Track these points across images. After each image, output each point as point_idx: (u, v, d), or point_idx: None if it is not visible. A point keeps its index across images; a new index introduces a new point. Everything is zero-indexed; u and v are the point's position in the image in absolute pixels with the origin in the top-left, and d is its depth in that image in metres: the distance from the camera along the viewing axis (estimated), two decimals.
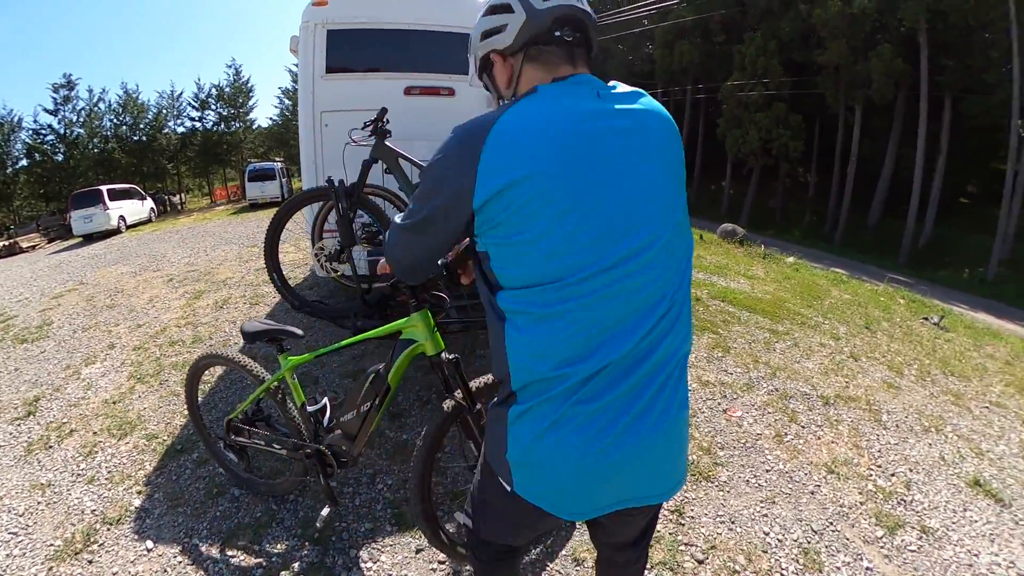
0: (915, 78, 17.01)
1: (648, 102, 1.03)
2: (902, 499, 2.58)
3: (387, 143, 3.08)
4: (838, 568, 2.05)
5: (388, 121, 3.07)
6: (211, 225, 13.36)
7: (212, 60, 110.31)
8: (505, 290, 0.99)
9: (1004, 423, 3.73)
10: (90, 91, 31.32)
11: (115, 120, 31.88)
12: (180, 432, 3.08)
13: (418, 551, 2.11)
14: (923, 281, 14.04)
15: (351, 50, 3.58)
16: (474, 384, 1.77)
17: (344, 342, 1.97)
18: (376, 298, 3.06)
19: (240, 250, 8.30)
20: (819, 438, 3.08)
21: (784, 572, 2.00)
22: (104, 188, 15.79)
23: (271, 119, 38.58)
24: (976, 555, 2.28)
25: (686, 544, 2.08)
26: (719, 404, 3.35)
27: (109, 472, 2.74)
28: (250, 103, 35.01)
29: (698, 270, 7.26)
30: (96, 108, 31.02)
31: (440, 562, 2.06)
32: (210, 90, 33.57)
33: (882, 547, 2.22)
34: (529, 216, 0.91)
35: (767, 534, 2.18)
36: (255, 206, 19.53)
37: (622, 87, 1.04)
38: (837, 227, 21.44)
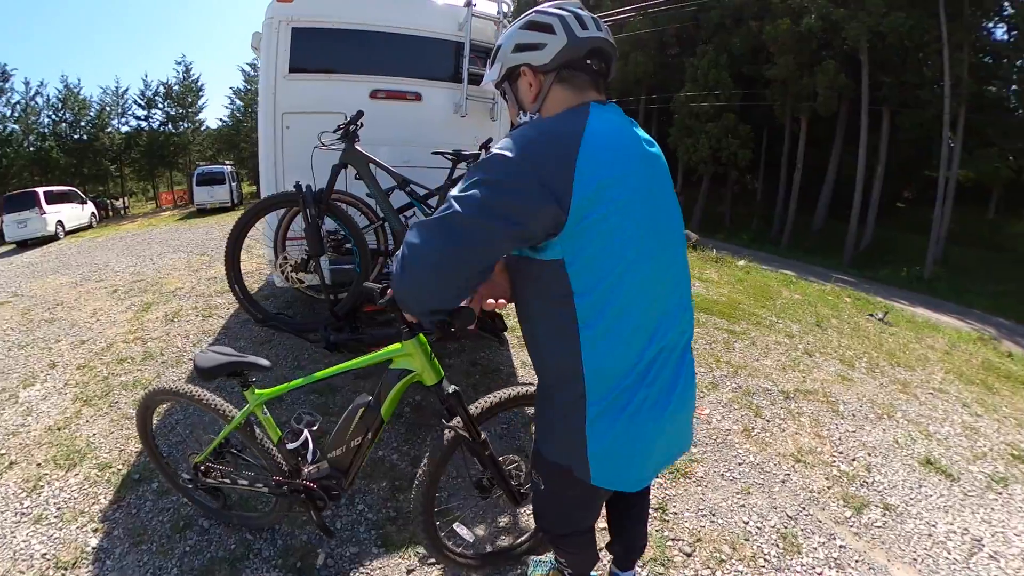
0: (857, 92, 18.25)
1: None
2: (864, 481, 2.72)
3: (357, 147, 2.99)
4: (815, 548, 2.15)
5: (361, 125, 2.98)
6: (157, 232, 12.42)
7: (160, 56, 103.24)
8: (580, 295, 1.02)
9: (947, 407, 4.00)
10: (26, 83, 28.49)
11: (54, 116, 28.99)
12: (136, 459, 2.77)
13: (409, 572, 2.03)
14: (865, 280, 14.91)
15: (316, 50, 3.42)
16: (473, 409, 1.67)
17: (322, 374, 1.75)
18: (346, 309, 2.92)
19: (189, 258, 7.79)
20: (784, 430, 3.20)
21: (767, 557, 2.07)
22: (40, 191, 14.38)
23: (221, 120, 36.26)
24: (934, 525, 2.45)
25: (673, 539, 2.13)
26: None
27: (59, 509, 2.39)
28: (199, 103, 33.07)
29: None
30: (33, 102, 28.22)
31: None
32: (158, 87, 31.33)
33: (851, 526, 2.34)
34: (620, 215, 0.99)
35: (747, 523, 2.25)
36: (203, 211, 18.48)
37: None
38: (784, 231, 22.50)
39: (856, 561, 2.11)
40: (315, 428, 1.83)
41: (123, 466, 2.72)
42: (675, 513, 2.29)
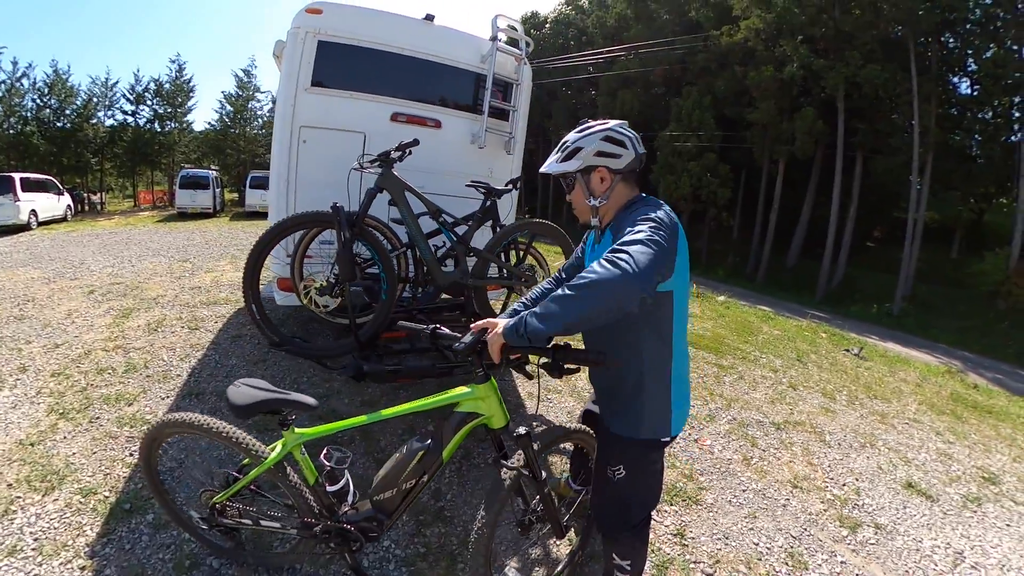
0: (833, 138, 19.26)
1: None
2: (855, 504, 2.97)
3: (395, 172, 2.94)
4: (819, 565, 2.35)
5: (411, 153, 2.91)
6: (136, 232, 11.83)
7: (155, 54, 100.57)
8: (676, 314, 1.51)
9: (922, 435, 4.32)
10: (14, 63, 26.37)
11: (38, 100, 27.24)
12: (126, 486, 2.43)
13: None
14: (838, 316, 15.50)
15: (341, 66, 3.32)
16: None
17: (382, 414, 1.64)
18: (368, 335, 2.85)
19: (171, 264, 7.45)
20: (779, 459, 3.45)
21: (777, 572, 2.27)
22: (17, 176, 13.35)
23: (209, 124, 34.06)
24: (920, 541, 2.72)
25: (694, 562, 2.28)
26: (690, 435, 3.61)
27: (36, 540, 2.05)
28: (189, 103, 31.45)
29: None
30: (18, 84, 26.38)
31: None
32: (148, 83, 29.73)
33: (848, 544, 2.57)
34: (682, 262, 1.43)
35: (757, 544, 2.44)
36: (184, 215, 17.77)
37: None
38: (759, 267, 23.17)
39: (856, 575, 2.34)
40: (346, 465, 1.71)
41: (110, 493, 2.38)
42: (692, 538, 2.44)
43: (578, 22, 33.27)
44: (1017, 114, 15.78)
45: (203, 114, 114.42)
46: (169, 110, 30.42)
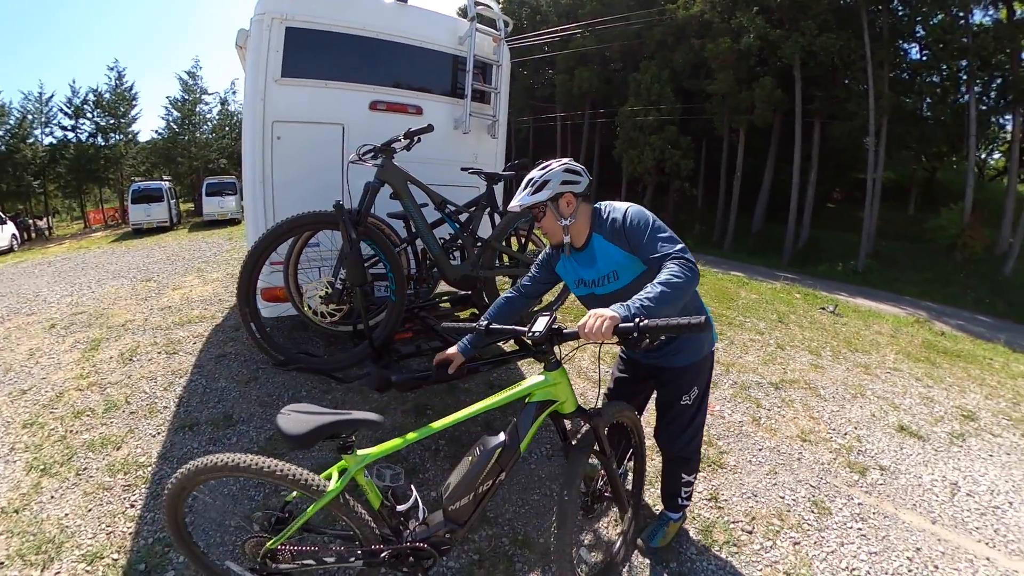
0: (791, 105, 19.88)
1: None
2: (859, 450, 3.21)
3: (396, 163, 2.74)
4: (840, 509, 2.56)
5: (419, 140, 2.74)
6: (91, 255, 11.08)
7: (89, 61, 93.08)
8: None
9: (904, 382, 4.65)
10: None
11: None
12: (134, 543, 2.18)
13: None
14: (807, 276, 16.18)
15: (313, 53, 3.08)
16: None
17: (450, 420, 1.60)
18: (383, 339, 2.69)
19: (134, 285, 6.96)
20: (783, 416, 3.67)
21: (807, 520, 2.46)
22: None
23: (156, 132, 32.04)
24: (920, 477, 2.98)
25: (733, 522, 2.42)
26: None
27: None
28: (133, 113, 29.51)
29: None
30: None
31: None
32: (87, 95, 27.82)
33: (861, 487, 2.80)
34: None
35: (783, 497, 2.63)
36: (139, 232, 16.83)
37: None
38: (726, 235, 23.79)
39: (873, 513, 2.55)
40: (400, 481, 1.63)
41: (118, 554, 2.12)
42: (725, 500, 2.59)
43: (532, 1, 32.96)
44: (964, 77, 16.55)
45: (148, 123, 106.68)
46: (112, 121, 28.64)
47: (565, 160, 1.81)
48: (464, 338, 1.97)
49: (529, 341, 1.57)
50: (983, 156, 19.08)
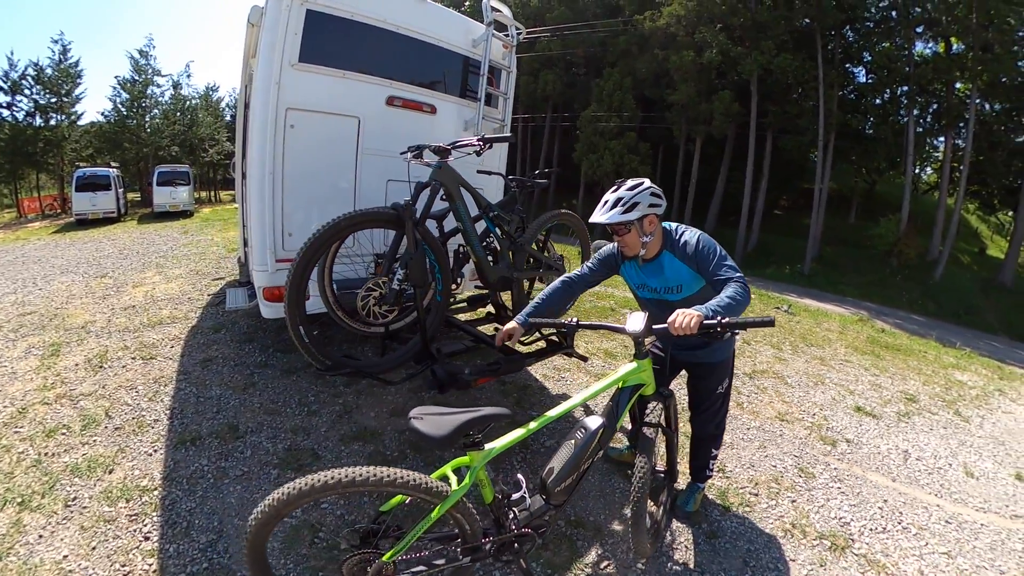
0: (746, 118, 21.26)
1: None
2: (828, 427, 3.72)
3: (451, 165, 2.67)
4: (821, 473, 3.04)
5: (490, 147, 2.67)
6: (32, 248, 10.11)
7: (31, 32, 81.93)
8: None
9: (855, 371, 5.27)
10: None
11: None
12: None
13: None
14: (757, 278, 17.23)
15: (332, 41, 2.93)
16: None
17: (561, 411, 1.73)
18: (430, 338, 2.70)
19: (87, 281, 6.23)
20: (761, 401, 4.14)
21: (797, 482, 2.91)
22: None
23: (103, 114, 28.79)
24: (878, 447, 3.53)
25: (741, 488, 2.81)
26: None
27: None
28: (77, 92, 26.41)
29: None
30: None
31: None
32: (26, 69, 24.65)
33: (834, 455, 3.30)
34: None
35: (775, 466, 3.07)
36: (83, 223, 15.25)
37: None
38: None
39: (847, 475, 3.04)
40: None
41: None
42: (731, 471, 2.99)
43: None
44: (905, 101, 18.20)
45: (94, 103, 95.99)
46: (54, 100, 25.52)
47: (649, 183, 2.04)
48: (522, 312, 2.18)
49: (628, 335, 1.81)
50: (917, 172, 20.94)
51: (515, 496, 1.68)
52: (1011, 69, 15.20)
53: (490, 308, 3.95)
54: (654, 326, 1.78)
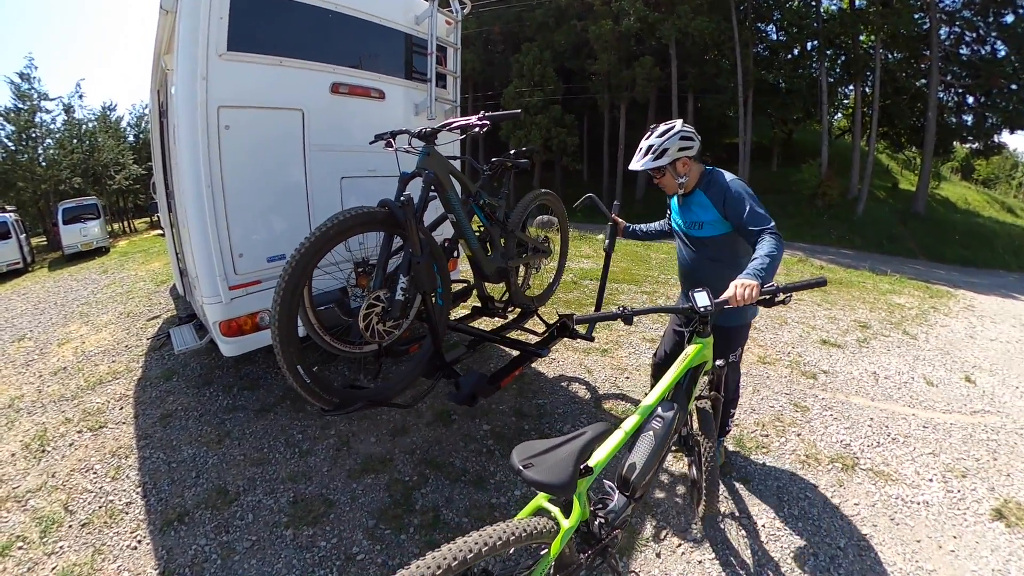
0: (667, 81, 21.77)
1: None
2: (804, 363, 4.03)
3: (438, 151, 2.37)
4: (812, 405, 3.32)
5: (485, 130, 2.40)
6: None
7: None
8: None
9: (810, 309, 5.68)
10: None
11: None
12: None
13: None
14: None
15: (264, 23, 2.59)
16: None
17: (647, 409, 1.66)
18: (435, 348, 2.45)
19: (4, 348, 5.32)
20: None
21: (796, 418, 3.16)
22: None
23: None
24: (851, 374, 3.89)
25: (751, 432, 3.00)
26: None
27: None
28: None
29: None
30: None
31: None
32: None
33: (818, 387, 3.60)
34: None
35: (772, 407, 3.30)
36: None
37: None
38: (613, 204, 25.33)
39: (834, 403, 3.34)
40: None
41: None
42: (739, 418, 3.11)
43: None
44: (815, 55, 19.43)
45: None
46: None
47: (679, 125, 2.07)
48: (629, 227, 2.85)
49: (698, 314, 1.78)
50: (831, 119, 22.47)
51: (611, 506, 1.59)
52: (909, 22, 16.61)
53: (476, 303, 3.70)
54: (718, 300, 1.75)
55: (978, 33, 17.52)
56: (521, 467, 1.28)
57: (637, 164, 2.08)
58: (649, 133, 2.11)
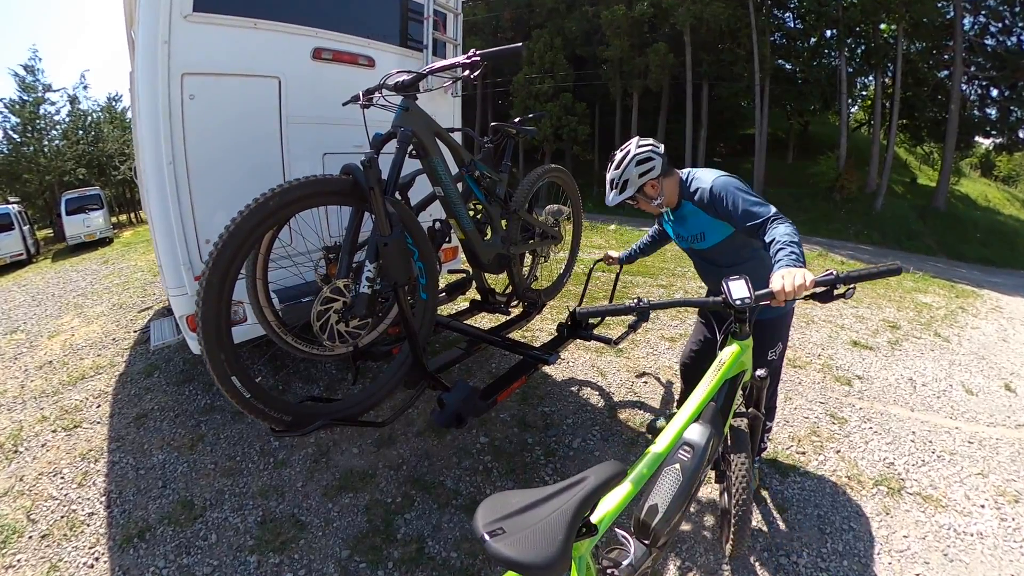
0: (682, 69, 21.34)
1: None
2: (837, 367, 3.77)
3: (420, 106, 1.98)
4: (850, 416, 3.06)
5: (473, 76, 2.02)
6: None
7: None
8: None
9: (837, 307, 5.38)
10: None
11: None
12: None
13: None
14: None
15: None
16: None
17: (678, 433, 1.34)
18: (421, 349, 2.03)
19: None
20: None
21: (833, 431, 2.90)
22: None
23: None
24: (887, 379, 3.63)
25: (785, 448, 2.75)
26: None
27: None
28: None
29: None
30: None
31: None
32: None
33: (853, 395, 3.34)
34: None
35: (807, 418, 3.04)
36: None
37: None
38: None
39: (873, 414, 3.08)
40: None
41: None
42: (771, 431, 2.87)
43: None
44: (834, 44, 18.89)
45: None
46: None
47: (634, 148, 1.96)
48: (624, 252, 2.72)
49: (732, 308, 1.46)
50: (848, 111, 21.96)
51: (625, 563, 1.21)
52: (932, 10, 16.08)
53: (475, 295, 3.24)
54: (759, 293, 1.43)
55: (1004, 23, 16.96)
56: (486, 534, 0.87)
57: (608, 200, 2.03)
58: (609, 163, 2.02)
